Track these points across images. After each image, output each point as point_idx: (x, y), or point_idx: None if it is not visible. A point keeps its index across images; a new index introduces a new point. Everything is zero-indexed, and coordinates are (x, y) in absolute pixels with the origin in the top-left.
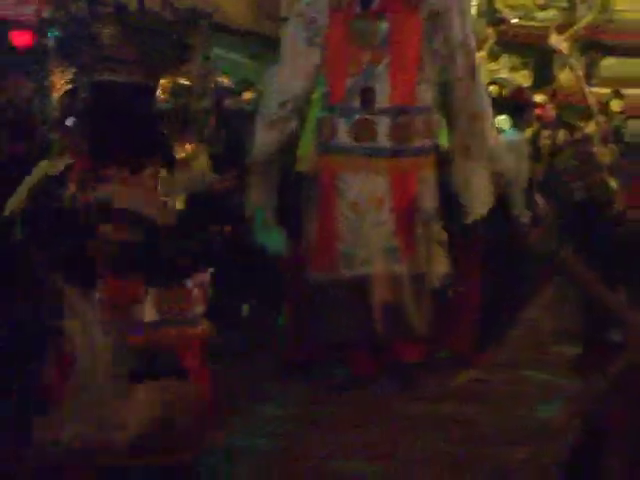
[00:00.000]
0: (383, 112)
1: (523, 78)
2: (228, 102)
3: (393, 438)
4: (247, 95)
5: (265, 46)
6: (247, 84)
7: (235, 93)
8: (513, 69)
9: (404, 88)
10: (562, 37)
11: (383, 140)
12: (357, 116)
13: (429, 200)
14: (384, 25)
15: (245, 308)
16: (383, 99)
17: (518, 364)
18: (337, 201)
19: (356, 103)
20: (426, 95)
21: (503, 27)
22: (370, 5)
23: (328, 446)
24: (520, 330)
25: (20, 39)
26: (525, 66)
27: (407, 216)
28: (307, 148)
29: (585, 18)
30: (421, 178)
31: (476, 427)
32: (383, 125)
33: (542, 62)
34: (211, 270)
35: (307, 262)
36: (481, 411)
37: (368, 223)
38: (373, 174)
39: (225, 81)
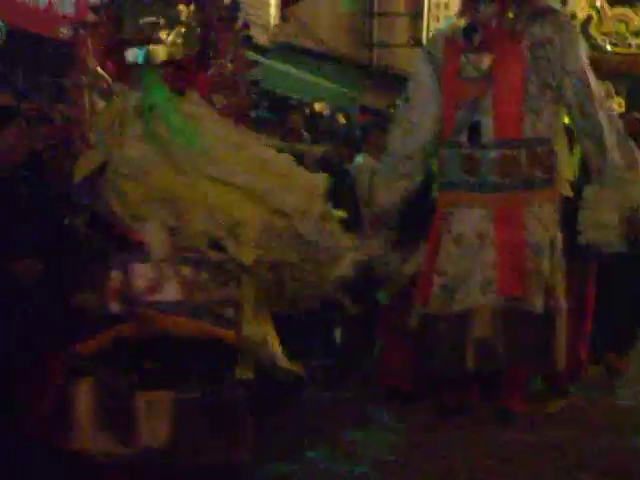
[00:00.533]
0: (489, 146)
1: (617, 105)
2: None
3: (493, 465)
4: (340, 119)
5: (360, 74)
6: (339, 110)
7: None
8: (607, 96)
9: (509, 121)
10: None
11: (489, 174)
12: (464, 150)
13: (539, 234)
14: (488, 58)
15: (337, 332)
16: (489, 132)
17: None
18: (443, 235)
19: (463, 137)
20: (534, 127)
21: (597, 54)
22: (474, 38)
23: (425, 472)
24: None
25: None
26: (619, 93)
27: (513, 251)
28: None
29: None
30: (530, 212)
31: (572, 454)
32: (488, 159)
33: (636, 89)
34: None
35: (411, 294)
36: (577, 437)
37: (470, 257)
38: (478, 208)
39: (319, 106)
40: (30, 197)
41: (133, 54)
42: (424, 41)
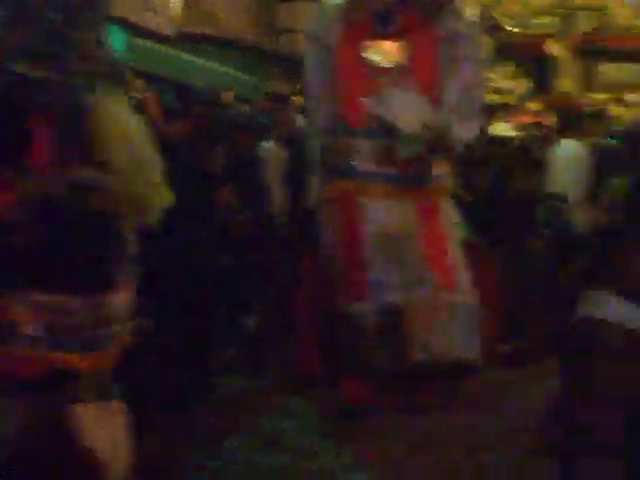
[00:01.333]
0: (405, 137)
1: (521, 86)
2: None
3: (408, 450)
4: (245, 107)
5: (265, 61)
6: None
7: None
8: (511, 77)
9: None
10: (559, 44)
11: (407, 167)
12: (378, 141)
13: (453, 228)
14: (404, 46)
15: (252, 322)
16: (404, 124)
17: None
18: (363, 228)
19: (376, 127)
20: (446, 119)
21: (500, 35)
22: (389, 25)
23: (343, 459)
24: None
25: None
26: (523, 74)
27: (438, 243)
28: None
29: (582, 25)
30: (444, 205)
31: (479, 435)
32: (406, 151)
33: (540, 69)
34: None
35: (333, 291)
36: (486, 420)
37: (398, 251)
38: (400, 201)
39: (226, 95)
40: None
41: None
42: None
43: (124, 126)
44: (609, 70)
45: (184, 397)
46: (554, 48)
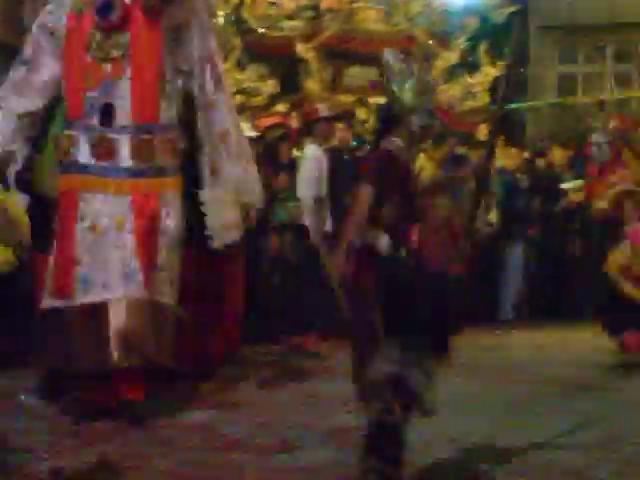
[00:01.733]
0: (124, 130)
1: (270, 87)
2: None
3: (150, 448)
4: None
5: (12, 57)
6: None
7: None
8: (260, 78)
9: (146, 105)
10: (308, 46)
11: (124, 159)
12: (96, 133)
13: (173, 223)
14: (125, 37)
15: None
16: (124, 116)
17: None
18: (76, 222)
19: (95, 119)
20: (169, 113)
21: (250, 37)
22: (109, 15)
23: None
24: None
25: None
26: (272, 75)
27: (149, 240)
28: (47, 166)
29: (330, 28)
30: (165, 200)
31: (221, 433)
32: (124, 143)
33: (289, 71)
34: None
35: (44, 286)
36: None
37: (108, 246)
38: (114, 195)
39: None
40: None
41: None
42: None
43: None
44: (355, 73)
45: None
46: (302, 50)
